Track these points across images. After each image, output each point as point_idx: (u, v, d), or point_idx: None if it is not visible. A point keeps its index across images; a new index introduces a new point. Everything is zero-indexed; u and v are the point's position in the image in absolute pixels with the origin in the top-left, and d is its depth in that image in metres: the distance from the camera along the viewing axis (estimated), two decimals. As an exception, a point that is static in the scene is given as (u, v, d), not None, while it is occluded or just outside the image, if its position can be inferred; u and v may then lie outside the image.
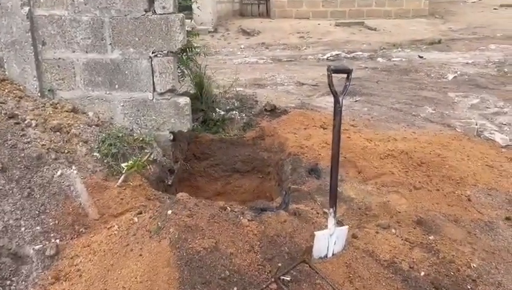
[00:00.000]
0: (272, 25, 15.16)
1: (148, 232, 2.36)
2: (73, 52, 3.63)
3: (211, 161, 4.44)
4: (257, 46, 12.24)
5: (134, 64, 3.64)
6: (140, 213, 2.64)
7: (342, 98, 2.46)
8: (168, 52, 3.60)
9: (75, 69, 3.66)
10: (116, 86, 3.71)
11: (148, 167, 3.48)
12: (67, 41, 3.61)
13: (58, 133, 3.19)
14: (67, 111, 3.52)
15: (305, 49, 11.75)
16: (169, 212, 2.45)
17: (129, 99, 3.74)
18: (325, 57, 10.29)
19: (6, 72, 3.62)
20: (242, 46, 12.26)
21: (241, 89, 7.13)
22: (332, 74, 2.41)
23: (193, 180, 4.43)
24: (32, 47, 3.54)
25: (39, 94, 3.64)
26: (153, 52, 3.60)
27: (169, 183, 3.80)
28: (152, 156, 3.55)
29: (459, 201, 3.48)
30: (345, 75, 2.53)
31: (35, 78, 3.60)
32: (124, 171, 3.03)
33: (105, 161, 3.15)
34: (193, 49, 4.54)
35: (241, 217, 2.62)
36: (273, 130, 4.53)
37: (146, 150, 3.55)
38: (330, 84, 2.39)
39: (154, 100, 3.73)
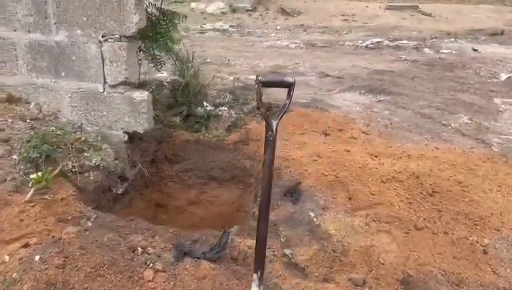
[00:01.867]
0: (316, 5, 14.12)
1: (1, 284, 1.78)
2: (15, 30, 3.09)
3: (184, 165, 3.82)
4: (294, 28, 11.36)
5: (82, 49, 3.05)
6: (26, 246, 2.07)
7: (277, 123, 1.72)
8: (120, 36, 2.97)
9: (17, 51, 3.14)
10: (63, 74, 3.14)
11: (86, 174, 2.92)
12: (7, 18, 3.07)
13: (-27, 128, 2.69)
14: (0, 101, 3.00)
15: (345, 34, 10.74)
16: (37, 258, 1.85)
17: (77, 90, 3.16)
18: (365, 44, 9.27)
19: None
20: (278, 28, 11.43)
21: (255, 77, 6.40)
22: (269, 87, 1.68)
23: (163, 185, 3.84)
24: (-33, 23, 3.03)
25: (-23, 78, 3.15)
26: (103, 36, 2.98)
27: (120, 192, 3.23)
28: (94, 161, 2.97)
29: (470, 252, 2.65)
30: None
31: (-28, 60, 3.11)
32: (30, 185, 2.48)
33: (22, 166, 2.61)
34: (172, 29, 3.86)
35: (150, 266, 1.98)
36: (260, 134, 3.81)
37: (85, 153, 2.98)
38: (258, 102, 1.67)
39: (105, 93, 3.13)
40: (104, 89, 3.11)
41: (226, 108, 4.22)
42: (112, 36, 2.97)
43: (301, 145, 3.75)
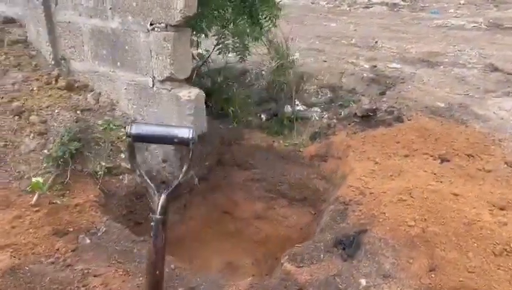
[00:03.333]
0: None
1: None
2: (80, 15, 2.96)
3: (252, 174, 3.30)
4: (483, 3, 9.28)
5: (133, 37, 2.75)
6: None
7: (166, 199, 1.08)
8: (166, 25, 2.55)
9: (83, 36, 3.01)
10: (118, 64, 2.91)
11: (120, 177, 2.68)
12: (74, 2, 2.95)
13: (16, 117, 2.67)
14: (59, 88, 2.95)
15: (555, 10, 8.28)
16: None
17: (131, 82, 2.91)
18: None
19: (27, 34, 3.25)
20: (462, 2, 9.51)
21: (398, 66, 5.35)
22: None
23: (230, 192, 3.40)
24: (42, 6, 3.01)
25: (53, 62, 3.16)
26: (151, 24, 2.62)
27: (163, 198, 2.91)
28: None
29: None
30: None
31: (48, 44, 3.12)
32: (29, 189, 2.31)
33: (45, 164, 2.48)
34: (265, 9, 3.24)
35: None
36: (344, 151, 3.00)
37: (122, 155, 2.72)
38: (131, 163, 1.06)
39: (154, 88, 2.80)
40: (153, 83, 2.78)
41: (319, 109, 3.48)
42: (158, 25, 2.57)
43: (395, 173, 2.81)
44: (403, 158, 2.98)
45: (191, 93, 2.67)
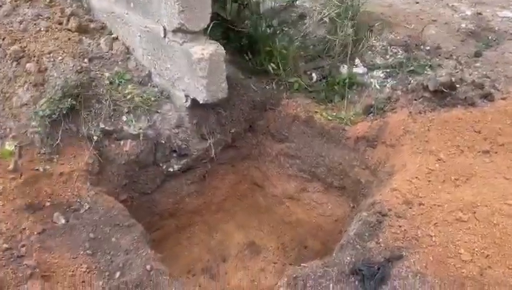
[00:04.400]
0: None
1: None
2: None
3: (286, 148, 2.76)
4: None
5: (143, -27, 2.23)
6: None
7: None
8: (175, -42, 1.99)
9: (98, -32, 2.55)
10: (132, 5, 2.44)
11: (121, 142, 2.33)
12: None
13: (14, 63, 2.36)
14: (69, 30, 2.58)
15: None
16: None
17: (145, 30, 2.43)
18: None
19: (48, -37, 2.87)
20: None
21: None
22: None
23: (261, 163, 2.92)
24: None
25: (72, -3, 2.78)
26: (159, -43, 2.07)
27: (174, 169, 2.53)
28: (133, 129, 2.32)
29: None
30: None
31: (66, -25, 2.72)
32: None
33: (33, 122, 2.18)
34: None
35: None
36: (399, 137, 2.31)
37: (123, 117, 2.34)
38: None
39: (166, 40, 2.30)
40: (165, 34, 2.28)
41: (382, 74, 2.73)
42: (167, -42, 2.02)
43: (462, 177, 2.09)
44: (479, 155, 2.22)
45: (205, 50, 2.14)
